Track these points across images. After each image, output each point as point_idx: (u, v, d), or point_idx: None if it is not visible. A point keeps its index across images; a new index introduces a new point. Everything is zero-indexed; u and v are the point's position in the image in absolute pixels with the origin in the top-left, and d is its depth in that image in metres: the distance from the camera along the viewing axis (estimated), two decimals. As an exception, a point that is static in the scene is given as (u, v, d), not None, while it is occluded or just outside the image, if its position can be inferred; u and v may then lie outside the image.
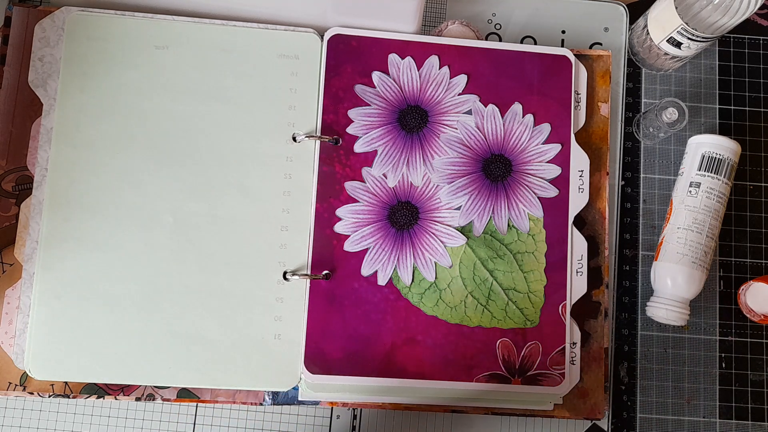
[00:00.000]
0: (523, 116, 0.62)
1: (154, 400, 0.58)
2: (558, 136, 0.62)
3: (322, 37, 0.62)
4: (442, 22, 0.66)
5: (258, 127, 0.61)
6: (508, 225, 0.61)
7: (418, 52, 0.62)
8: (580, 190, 0.62)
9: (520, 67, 0.63)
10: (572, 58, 0.63)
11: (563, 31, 0.67)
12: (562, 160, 0.62)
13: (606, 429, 0.62)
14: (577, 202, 0.62)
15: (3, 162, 0.60)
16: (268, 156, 0.60)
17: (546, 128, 0.62)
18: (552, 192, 0.62)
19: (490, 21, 0.67)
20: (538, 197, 0.62)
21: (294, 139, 0.61)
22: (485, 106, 0.62)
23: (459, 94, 0.62)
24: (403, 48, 0.62)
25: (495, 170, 0.62)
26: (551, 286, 0.60)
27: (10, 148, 0.60)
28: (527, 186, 0.62)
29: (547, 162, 0.62)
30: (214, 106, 0.61)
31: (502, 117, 0.62)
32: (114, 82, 0.60)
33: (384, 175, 0.61)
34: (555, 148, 0.62)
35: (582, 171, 0.62)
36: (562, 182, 0.62)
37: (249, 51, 0.61)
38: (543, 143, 0.62)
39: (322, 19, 0.62)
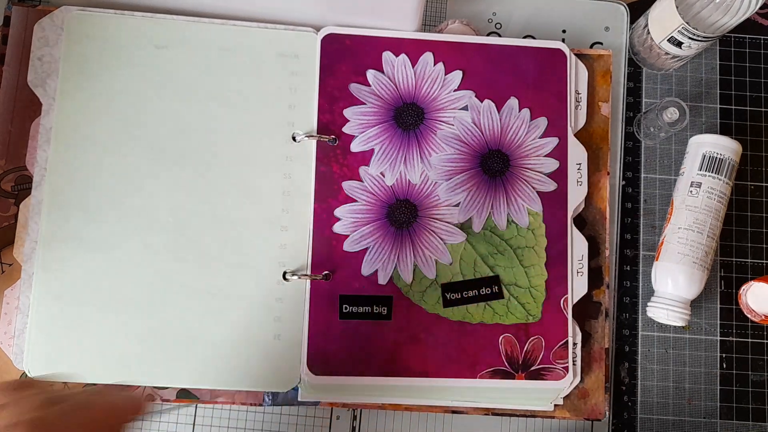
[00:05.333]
0: (520, 111, 0.62)
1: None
2: (555, 129, 0.62)
3: (321, 36, 0.62)
4: (443, 21, 0.66)
5: (258, 126, 0.61)
6: (508, 220, 0.61)
7: (412, 50, 0.62)
8: (579, 183, 0.62)
9: (515, 61, 0.63)
10: (567, 51, 0.63)
11: (564, 31, 0.67)
12: (560, 153, 0.62)
13: (607, 430, 0.62)
14: (576, 195, 0.62)
15: (2, 162, 0.60)
16: (267, 155, 0.60)
17: (542, 122, 0.62)
18: (550, 186, 0.62)
19: (490, 20, 0.67)
20: (537, 191, 0.62)
21: (294, 138, 0.61)
22: (481, 102, 0.62)
23: (454, 91, 0.62)
24: (398, 45, 0.62)
25: (493, 166, 0.62)
26: (552, 281, 0.60)
27: (9, 148, 0.60)
28: (525, 180, 0.62)
29: (545, 156, 0.62)
30: (214, 105, 0.61)
31: (499, 112, 0.62)
32: (113, 81, 0.60)
33: (381, 173, 0.61)
34: (552, 142, 0.62)
35: (580, 164, 0.62)
36: (560, 176, 0.62)
37: (248, 50, 0.61)
38: (540, 137, 0.62)
39: (321, 19, 0.62)
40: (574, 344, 0.60)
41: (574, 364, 0.60)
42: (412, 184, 0.61)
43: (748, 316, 0.62)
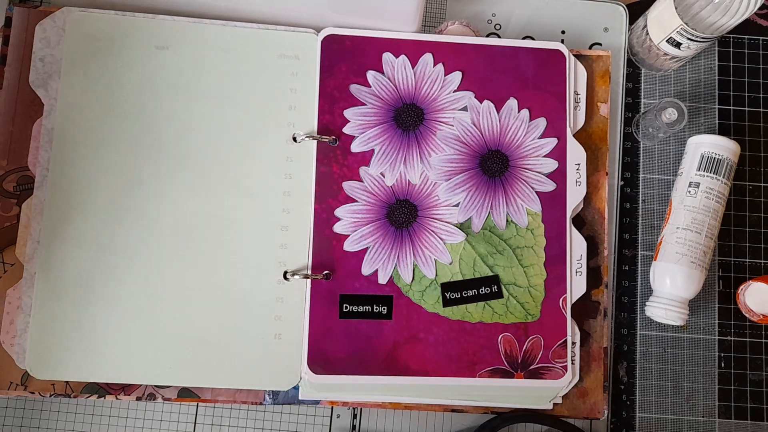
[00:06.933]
0: (519, 111, 0.63)
1: (154, 399, 0.58)
2: (554, 130, 0.63)
3: (322, 37, 0.63)
4: (442, 22, 0.67)
5: (258, 127, 0.61)
6: (507, 220, 0.61)
7: (412, 51, 0.62)
8: (578, 183, 0.62)
9: (515, 62, 0.63)
10: (566, 51, 0.63)
11: (563, 31, 0.68)
12: (559, 154, 0.62)
13: (605, 429, 0.62)
14: (575, 195, 0.62)
15: (4, 162, 0.60)
16: (268, 156, 0.61)
17: (542, 123, 0.63)
18: (549, 186, 0.62)
19: (489, 21, 0.68)
20: (536, 192, 0.62)
21: (294, 139, 0.61)
22: (480, 103, 0.62)
23: (454, 91, 0.62)
24: (397, 46, 0.62)
25: (492, 166, 0.62)
26: (551, 280, 0.61)
27: (10, 148, 0.60)
28: (524, 181, 0.62)
29: (544, 156, 0.62)
30: (214, 106, 0.61)
31: (498, 113, 0.62)
32: (114, 82, 0.60)
33: (381, 174, 0.61)
34: (551, 143, 0.62)
35: (579, 164, 0.62)
36: (559, 176, 0.62)
37: (249, 51, 0.62)
38: (539, 138, 0.62)
39: (322, 20, 0.62)
40: (573, 343, 0.60)
41: (572, 364, 0.60)
42: (412, 185, 0.61)
43: (747, 315, 0.63)
